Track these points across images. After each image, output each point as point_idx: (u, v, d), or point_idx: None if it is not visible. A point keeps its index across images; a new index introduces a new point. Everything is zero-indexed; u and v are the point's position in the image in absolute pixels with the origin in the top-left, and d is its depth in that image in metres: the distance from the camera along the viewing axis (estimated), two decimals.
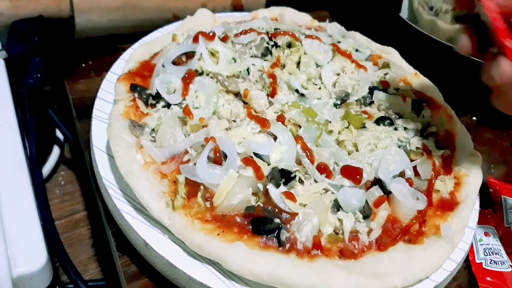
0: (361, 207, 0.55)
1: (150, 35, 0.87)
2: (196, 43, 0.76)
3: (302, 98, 0.71)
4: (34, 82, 0.78)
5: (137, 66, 0.74)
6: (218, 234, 0.51)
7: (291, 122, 0.67)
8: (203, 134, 0.61)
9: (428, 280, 0.54)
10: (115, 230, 0.60)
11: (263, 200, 0.55)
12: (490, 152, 0.73)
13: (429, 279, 0.54)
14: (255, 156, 0.59)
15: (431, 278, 0.54)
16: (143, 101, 0.67)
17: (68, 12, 0.89)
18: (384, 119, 0.69)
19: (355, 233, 0.54)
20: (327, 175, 0.58)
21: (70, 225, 0.80)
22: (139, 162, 0.57)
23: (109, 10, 0.91)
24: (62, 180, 0.87)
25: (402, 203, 0.57)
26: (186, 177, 0.56)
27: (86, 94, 0.83)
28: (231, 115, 0.67)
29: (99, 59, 0.92)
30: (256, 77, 0.75)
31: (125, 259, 0.58)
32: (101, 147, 0.64)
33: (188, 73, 0.70)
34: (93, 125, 0.67)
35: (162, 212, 0.53)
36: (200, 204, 0.54)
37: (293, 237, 0.52)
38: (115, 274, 0.64)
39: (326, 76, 0.77)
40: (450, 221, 0.57)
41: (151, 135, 0.62)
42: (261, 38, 0.82)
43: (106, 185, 0.58)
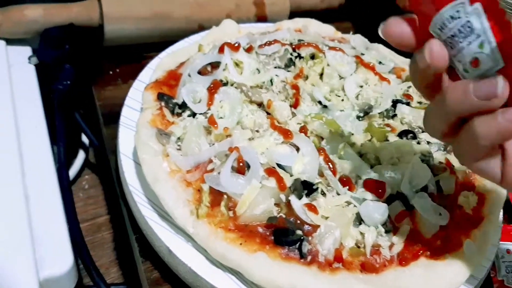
0: (383, 221, 0.55)
1: (176, 45, 0.89)
2: (222, 53, 0.77)
3: (325, 110, 0.72)
4: (64, 89, 0.81)
5: (164, 75, 0.75)
6: (241, 244, 0.51)
7: (314, 134, 0.67)
8: (227, 144, 0.62)
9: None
10: (138, 236, 0.62)
11: (285, 211, 0.56)
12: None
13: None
14: (278, 167, 0.60)
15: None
16: (169, 109, 0.68)
17: (98, 21, 0.92)
18: (407, 133, 0.69)
19: (377, 247, 0.54)
20: (349, 188, 0.59)
21: (93, 228, 0.81)
22: (165, 170, 0.59)
23: (138, 20, 0.93)
24: (86, 184, 0.89)
25: (424, 218, 0.56)
26: (210, 186, 0.57)
27: (113, 101, 0.85)
28: (254, 125, 0.68)
29: (125, 67, 0.95)
30: (279, 88, 0.76)
31: (148, 265, 0.59)
32: (127, 154, 0.65)
33: (213, 83, 0.71)
34: (120, 132, 0.68)
35: (187, 220, 0.54)
36: (223, 213, 0.54)
37: (314, 249, 0.52)
38: (136, 278, 0.66)
39: (349, 88, 0.77)
40: (473, 238, 0.56)
41: (176, 143, 0.63)
42: (285, 49, 0.83)
43: (132, 191, 0.60)
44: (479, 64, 0.40)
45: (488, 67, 0.40)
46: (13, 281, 0.51)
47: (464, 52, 0.41)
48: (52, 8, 0.89)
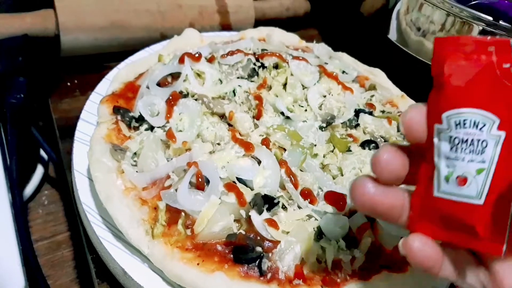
0: (344, 234, 0.55)
1: (136, 55, 0.86)
2: (182, 64, 0.76)
3: (287, 121, 0.71)
4: (17, 102, 0.77)
5: (121, 87, 0.73)
6: (198, 264, 0.50)
7: (276, 146, 0.66)
8: (186, 159, 0.60)
9: None
10: (95, 256, 0.59)
11: (245, 227, 0.54)
12: None
13: None
14: (238, 181, 0.58)
15: None
16: (125, 123, 0.66)
17: (54, 31, 0.89)
18: (370, 143, 0.69)
19: (338, 261, 0.53)
20: (310, 200, 0.58)
21: (52, 246, 0.78)
22: (119, 188, 0.56)
23: (95, 29, 0.90)
24: (45, 199, 0.86)
25: (385, 230, 0.56)
26: (167, 204, 0.55)
27: (70, 113, 0.82)
28: (215, 138, 0.66)
29: (84, 77, 0.91)
30: (242, 98, 0.75)
31: (105, 286, 0.56)
32: (82, 171, 0.63)
33: (172, 95, 0.70)
34: (75, 148, 0.66)
35: (141, 240, 0.52)
36: (181, 232, 0.53)
37: (274, 266, 0.51)
38: None
39: (312, 98, 0.77)
40: None
41: (133, 159, 0.61)
42: (248, 59, 0.82)
43: (86, 210, 0.57)
44: (465, 184, 0.37)
45: (471, 193, 0.36)
46: None
47: (458, 163, 0.37)
48: (4, 18, 0.85)
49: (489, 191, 0.36)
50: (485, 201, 0.36)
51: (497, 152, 0.35)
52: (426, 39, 1.00)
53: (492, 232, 0.36)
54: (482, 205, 0.36)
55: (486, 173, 0.36)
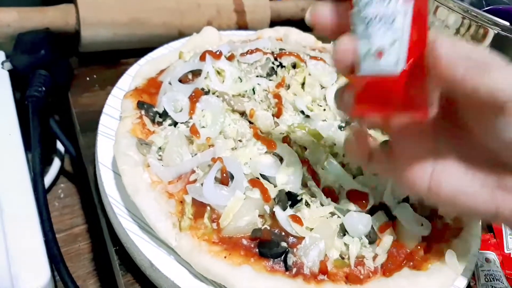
0: (367, 232, 0.56)
1: (156, 52, 0.87)
2: (203, 61, 0.77)
3: (307, 120, 0.72)
4: (39, 95, 0.78)
5: (144, 83, 0.74)
6: (225, 257, 0.51)
7: (297, 144, 0.67)
8: (210, 154, 0.61)
9: None
10: (118, 248, 0.60)
11: (270, 223, 0.55)
12: None
13: None
14: (261, 178, 0.59)
15: None
16: (150, 118, 0.67)
17: (75, 26, 0.90)
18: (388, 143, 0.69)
19: (361, 258, 0.54)
20: (332, 198, 0.59)
21: (69, 238, 0.79)
22: (146, 181, 0.57)
23: (115, 25, 0.91)
24: (61, 192, 0.87)
25: (406, 229, 0.57)
26: (193, 198, 0.56)
27: (90, 108, 0.83)
28: (237, 135, 0.67)
29: (103, 73, 0.93)
30: (261, 97, 0.76)
31: (129, 277, 0.57)
32: (106, 164, 0.63)
33: (195, 92, 0.71)
34: (99, 141, 0.66)
35: (169, 233, 0.52)
36: (207, 226, 0.53)
37: (299, 262, 0.52)
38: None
39: (331, 97, 0.78)
40: (454, 248, 0.57)
41: (157, 153, 0.62)
42: (266, 58, 0.82)
43: (112, 202, 0.58)
44: (382, 57, 0.40)
45: (389, 64, 0.40)
46: None
47: (373, 39, 0.40)
48: (27, 11, 0.86)
49: (406, 58, 0.39)
50: (402, 69, 0.39)
51: (407, 22, 0.39)
52: None
53: (414, 98, 0.40)
54: (400, 74, 0.39)
55: (399, 43, 0.39)
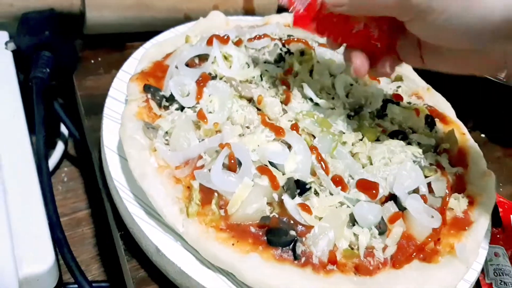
0: (377, 222, 0.55)
1: (162, 35, 0.86)
2: (210, 45, 0.75)
3: (316, 107, 0.71)
4: (43, 77, 0.77)
5: (150, 66, 0.72)
6: (233, 244, 0.50)
7: (305, 132, 0.66)
8: (217, 140, 0.60)
9: None
10: (123, 233, 0.59)
11: (278, 211, 0.54)
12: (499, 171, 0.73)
13: None
14: (270, 165, 0.58)
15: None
16: (156, 102, 0.66)
17: (80, 7, 0.88)
18: (398, 133, 0.68)
19: (371, 249, 0.53)
20: (342, 187, 0.58)
21: (72, 223, 0.78)
22: (152, 166, 0.56)
23: (121, 8, 0.89)
24: (65, 176, 0.86)
25: (417, 220, 0.56)
26: (200, 183, 0.55)
27: (95, 91, 0.82)
28: (245, 121, 0.66)
29: (108, 56, 0.91)
30: (269, 83, 0.74)
31: (134, 263, 0.56)
32: (112, 147, 0.62)
33: (202, 76, 0.69)
34: (104, 124, 0.65)
35: (176, 219, 0.52)
36: (215, 212, 0.53)
37: (308, 251, 0.51)
38: (119, 276, 0.63)
39: (339, 86, 0.76)
40: (464, 241, 0.57)
41: (164, 138, 0.61)
42: (274, 44, 0.81)
43: (117, 187, 0.57)
44: None
45: None
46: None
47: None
48: None
49: None
50: None
51: None
52: None
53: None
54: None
55: None
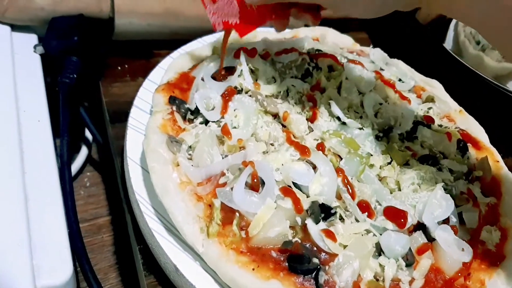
0: (404, 253, 0.52)
1: (190, 45, 0.85)
2: (237, 58, 0.74)
3: (343, 127, 0.69)
4: (70, 82, 0.77)
5: (176, 77, 0.72)
6: (253, 269, 0.48)
7: (331, 152, 0.64)
8: (241, 157, 0.59)
9: None
10: (142, 247, 0.58)
11: (301, 236, 0.53)
12: None
13: None
14: (294, 186, 0.57)
15: None
16: (181, 115, 0.65)
17: (109, 13, 0.88)
18: (429, 158, 0.66)
19: (397, 281, 0.51)
20: (368, 214, 0.56)
21: (93, 229, 0.78)
22: (174, 181, 0.55)
23: (149, 15, 0.89)
24: (87, 181, 0.86)
25: (447, 253, 0.54)
26: (222, 202, 0.53)
27: (120, 98, 0.82)
28: (269, 138, 0.64)
29: (134, 63, 0.91)
30: (295, 99, 0.73)
31: (152, 279, 0.56)
32: (135, 159, 0.62)
33: (228, 90, 0.68)
34: (128, 135, 0.65)
35: (197, 238, 0.50)
36: (236, 233, 0.51)
37: (331, 280, 0.49)
38: (136, 286, 0.62)
39: (368, 104, 0.74)
40: (496, 277, 0.54)
41: (187, 152, 0.60)
42: (302, 58, 0.79)
43: (139, 200, 0.56)
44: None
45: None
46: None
47: None
48: None
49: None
50: None
51: None
52: (485, 54, 0.96)
53: None
54: None
55: None
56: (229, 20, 0.58)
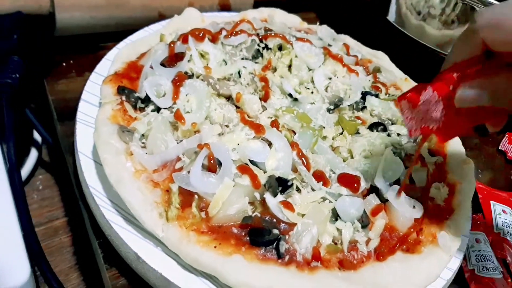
0: (359, 216, 0.54)
1: (136, 34, 0.83)
2: (186, 43, 0.74)
3: (295, 103, 0.70)
4: (12, 82, 0.74)
5: (123, 67, 0.70)
6: (215, 247, 0.49)
7: (285, 128, 0.65)
8: (196, 140, 0.59)
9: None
10: (102, 241, 0.57)
11: (260, 210, 0.54)
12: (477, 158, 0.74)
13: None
14: (251, 164, 0.58)
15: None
16: (131, 104, 0.64)
17: (48, 9, 0.85)
18: (378, 125, 0.68)
19: (354, 243, 0.53)
20: (324, 183, 0.57)
21: (49, 232, 0.76)
22: (129, 170, 0.54)
23: (92, 7, 0.87)
24: (40, 184, 0.83)
25: (399, 212, 0.56)
26: (179, 186, 0.53)
27: (67, 95, 0.79)
28: (224, 120, 0.65)
29: (80, 58, 0.88)
30: (247, 80, 0.73)
31: (114, 271, 0.55)
32: (86, 153, 0.60)
33: (178, 76, 0.68)
34: (78, 129, 0.63)
35: (155, 224, 0.50)
36: (195, 215, 0.51)
37: (292, 249, 0.50)
38: (98, 284, 0.61)
39: (318, 80, 0.76)
40: (446, 229, 0.57)
41: (140, 141, 0.59)
42: (252, 39, 0.80)
43: (93, 193, 0.55)
44: None
45: None
46: None
47: None
48: None
49: None
50: None
51: None
52: (426, 23, 0.99)
53: None
54: None
55: None
56: (430, 126, 0.49)
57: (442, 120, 0.48)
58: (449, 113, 0.48)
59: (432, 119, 0.49)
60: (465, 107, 0.46)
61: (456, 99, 0.46)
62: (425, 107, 0.49)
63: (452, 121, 0.48)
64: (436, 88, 0.48)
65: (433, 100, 0.49)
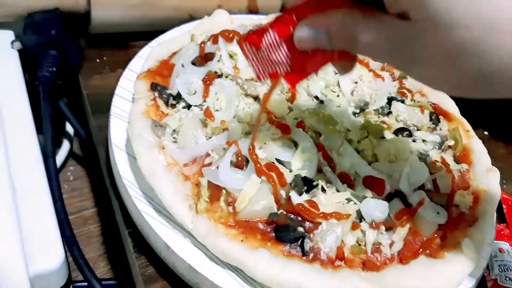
0: (384, 219, 0.55)
1: (167, 34, 0.86)
2: (216, 44, 0.76)
3: (321, 105, 0.71)
4: (50, 76, 0.77)
5: (156, 65, 0.73)
6: (242, 240, 0.50)
7: (311, 129, 0.67)
8: (224, 137, 0.61)
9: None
10: (132, 231, 0.60)
11: (286, 208, 0.55)
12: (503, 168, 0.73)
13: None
14: (277, 162, 0.59)
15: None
16: (163, 100, 0.66)
17: (85, 6, 0.88)
18: (403, 130, 0.69)
19: (378, 245, 0.54)
20: (348, 185, 0.58)
21: (79, 221, 0.79)
22: (161, 163, 0.57)
23: (126, 6, 0.90)
24: (71, 175, 0.86)
25: (423, 217, 0.57)
26: (208, 181, 0.55)
27: (100, 90, 0.82)
28: (251, 120, 0.66)
29: (113, 55, 0.91)
30: None
31: (143, 260, 0.57)
32: (120, 146, 0.63)
33: (208, 75, 0.70)
34: (112, 123, 0.66)
35: (185, 215, 0.52)
36: (223, 209, 0.53)
37: (316, 247, 0.52)
38: (127, 273, 0.64)
39: (344, 83, 0.77)
40: (470, 237, 0.57)
41: (172, 136, 0.61)
42: None
43: (126, 184, 0.57)
44: None
45: None
46: (2, 277, 0.48)
47: None
48: None
49: None
50: None
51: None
52: None
53: None
54: None
55: None
56: (278, 70, 0.48)
57: (289, 64, 0.47)
58: (295, 56, 0.46)
59: (278, 63, 0.47)
60: (306, 49, 0.44)
61: (295, 40, 0.44)
62: (269, 50, 0.47)
63: (300, 64, 0.47)
64: (277, 30, 0.46)
65: (276, 43, 0.47)
